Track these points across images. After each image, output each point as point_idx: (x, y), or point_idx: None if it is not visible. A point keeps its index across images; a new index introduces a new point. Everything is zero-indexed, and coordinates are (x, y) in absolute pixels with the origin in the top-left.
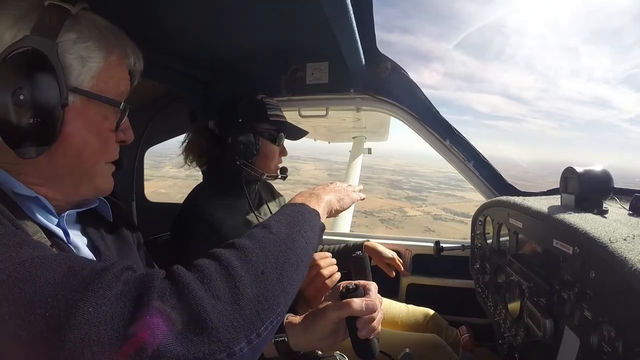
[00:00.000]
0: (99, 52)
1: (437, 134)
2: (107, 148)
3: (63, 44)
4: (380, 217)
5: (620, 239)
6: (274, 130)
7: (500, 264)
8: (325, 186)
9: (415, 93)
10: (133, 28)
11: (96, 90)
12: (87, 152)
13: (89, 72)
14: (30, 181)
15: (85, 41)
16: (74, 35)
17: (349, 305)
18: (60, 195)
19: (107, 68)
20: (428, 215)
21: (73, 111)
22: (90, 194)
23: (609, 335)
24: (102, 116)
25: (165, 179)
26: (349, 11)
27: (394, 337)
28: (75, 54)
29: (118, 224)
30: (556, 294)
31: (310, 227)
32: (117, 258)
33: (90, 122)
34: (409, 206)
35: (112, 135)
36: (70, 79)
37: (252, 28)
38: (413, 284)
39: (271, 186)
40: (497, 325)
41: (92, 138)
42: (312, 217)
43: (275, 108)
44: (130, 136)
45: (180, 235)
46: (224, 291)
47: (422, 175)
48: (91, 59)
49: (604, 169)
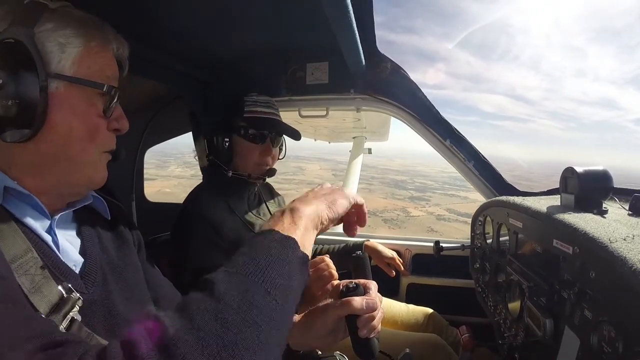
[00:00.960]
0: (78, 38)
1: (437, 134)
2: (96, 134)
3: (41, 33)
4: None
5: (620, 239)
6: (249, 126)
7: (500, 264)
8: (307, 193)
9: (415, 93)
10: (133, 28)
11: (79, 75)
12: (73, 138)
13: (69, 58)
14: (21, 173)
15: (63, 29)
16: (52, 24)
17: (349, 304)
18: (52, 186)
19: (88, 54)
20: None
21: (57, 97)
22: (82, 183)
23: (609, 335)
24: (88, 101)
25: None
26: (349, 11)
27: (394, 337)
28: (54, 42)
29: (117, 224)
30: (556, 294)
31: (279, 271)
32: (115, 257)
33: (75, 107)
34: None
35: (102, 122)
36: (51, 65)
37: (252, 28)
38: (413, 283)
39: (270, 186)
40: (497, 325)
41: (78, 123)
42: (280, 254)
43: (257, 104)
44: (124, 125)
45: (180, 236)
46: None
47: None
48: (70, 45)
49: (604, 169)
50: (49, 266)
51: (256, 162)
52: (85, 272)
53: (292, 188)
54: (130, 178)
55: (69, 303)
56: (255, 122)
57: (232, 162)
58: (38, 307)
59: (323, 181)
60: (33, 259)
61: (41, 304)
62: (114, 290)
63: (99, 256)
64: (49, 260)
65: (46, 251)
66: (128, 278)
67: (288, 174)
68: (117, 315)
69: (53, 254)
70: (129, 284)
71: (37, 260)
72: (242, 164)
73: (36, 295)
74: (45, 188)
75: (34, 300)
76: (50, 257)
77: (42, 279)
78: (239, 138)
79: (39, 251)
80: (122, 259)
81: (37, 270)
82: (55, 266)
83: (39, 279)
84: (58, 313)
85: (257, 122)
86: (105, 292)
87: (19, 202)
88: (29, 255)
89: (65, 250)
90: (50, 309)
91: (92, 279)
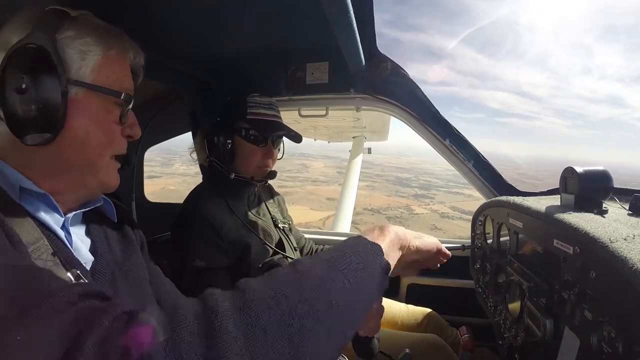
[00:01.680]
0: (97, 47)
1: (437, 134)
2: (113, 140)
3: (63, 40)
4: (387, 214)
5: (621, 239)
6: (251, 128)
7: (501, 264)
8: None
9: (415, 93)
10: (133, 28)
11: (97, 83)
12: (91, 144)
13: (89, 65)
14: (39, 174)
15: (83, 37)
16: (73, 32)
17: None
18: (67, 188)
19: (107, 62)
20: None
21: (76, 103)
22: (95, 187)
23: (609, 335)
24: (105, 108)
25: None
26: (349, 11)
27: (394, 337)
28: (75, 49)
29: (122, 225)
30: (556, 294)
31: (362, 263)
32: (121, 258)
33: (93, 113)
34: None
35: (118, 129)
36: (71, 71)
37: (252, 28)
38: (413, 284)
39: (270, 186)
40: (497, 325)
41: (95, 129)
42: (366, 251)
43: (260, 106)
44: (137, 132)
45: (180, 235)
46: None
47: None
48: (90, 52)
49: (604, 169)
50: (58, 255)
51: (258, 164)
52: (95, 270)
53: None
54: (130, 178)
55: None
56: (259, 124)
57: (233, 164)
58: None
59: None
60: (44, 246)
61: None
62: (122, 289)
63: (108, 256)
64: (60, 251)
65: (57, 243)
66: (134, 278)
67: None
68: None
69: (64, 247)
70: (135, 283)
71: (48, 247)
72: (244, 165)
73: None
74: (61, 189)
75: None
76: (61, 248)
77: (53, 265)
78: (241, 140)
79: (51, 242)
80: (128, 259)
81: (49, 257)
82: (66, 256)
83: (50, 265)
84: None
85: (260, 125)
86: (113, 290)
87: (35, 200)
88: (41, 242)
89: (77, 248)
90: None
91: (102, 277)
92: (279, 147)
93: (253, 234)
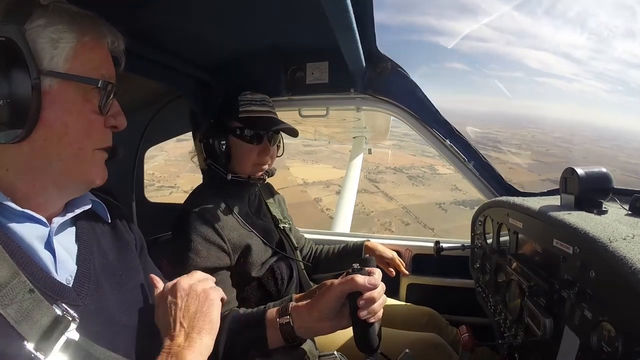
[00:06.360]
0: (70, 34)
1: (437, 134)
2: (92, 131)
3: (32, 30)
4: (409, 173)
5: (620, 239)
6: (245, 127)
7: (501, 264)
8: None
9: (415, 93)
10: (133, 28)
11: (73, 72)
12: (69, 136)
13: (62, 54)
14: (17, 174)
15: (55, 25)
16: (43, 20)
17: (352, 280)
18: (49, 188)
19: (82, 50)
20: (458, 174)
21: (50, 95)
22: (79, 183)
23: (609, 335)
24: (83, 98)
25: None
26: (349, 11)
27: (394, 337)
28: (46, 38)
29: (117, 226)
30: (556, 294)
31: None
32: (115, 261)
33: (69, 104)
34: (440, 164)
35: (98, 119)
36: (44, 62)
37: (252, 28)
38: (413, 283)
39: (270, 186)
40: (497, 324)
41: (73, 120)
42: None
43: (251, 104)
44: (121, 122)
45: (181, 236)
46: None
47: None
48: (62, 40)
49: (604, 169)
50: (39, 287)
51: (255, 163)
52: (78, 282)
53: (322, 144)
54: (130, 178)
55: (63, 324)
56: (251, 122)
57: (230, 164)
58: (26, 335)
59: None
60: (20, 283)
61: (31, 332)
62: (111, 297)
63: (95, 263)
64: (40, 281)
65: (36, 272)
66: (128, 283)
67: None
68: (115, 322)
69: (44, 274)
70: (128, 288)
71: (26, 283)
72: (241, 165)
73: (24, 323)
74: (43, 189)
75: (22, 329)
76: (40, 278)
77: (32, 303)
78: (236, 139)
79: (28, 273)
80: (122, 263)
81: (25, 296)
82: (47, 286)
83: (28, 305)
84: (50, 337)
85: (253, 122)
86: (101, 300)
87: (14, 215)
88: (16, 281)
89: (61, 262)
90: (41, 334)
91: (86, 289)
92: (277, 144)
93: (253, 234)
